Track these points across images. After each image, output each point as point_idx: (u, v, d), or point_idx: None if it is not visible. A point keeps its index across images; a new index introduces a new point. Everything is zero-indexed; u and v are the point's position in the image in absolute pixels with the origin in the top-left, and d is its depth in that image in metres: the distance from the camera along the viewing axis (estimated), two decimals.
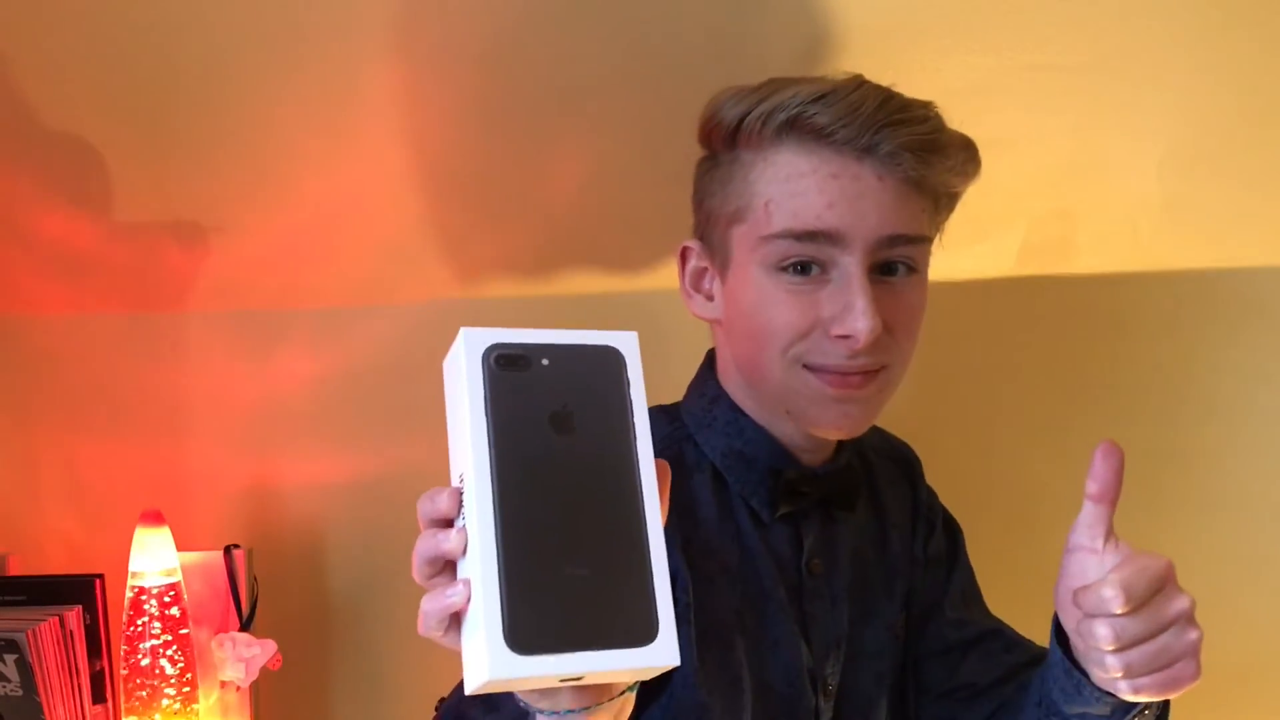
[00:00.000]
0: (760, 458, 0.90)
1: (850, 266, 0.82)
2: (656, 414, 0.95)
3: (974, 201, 1.29)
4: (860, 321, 0.81)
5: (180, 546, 1.22)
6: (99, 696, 1.23)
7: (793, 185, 0.82)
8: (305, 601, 1.35)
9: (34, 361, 1.35)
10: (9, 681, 1.15)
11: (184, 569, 1.22)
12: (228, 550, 1.27)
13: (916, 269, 0.87)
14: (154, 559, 1.19)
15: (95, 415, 1.35)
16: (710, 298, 0.91)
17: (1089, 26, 1.15)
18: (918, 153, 0.82)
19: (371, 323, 1.35)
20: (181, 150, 1.22)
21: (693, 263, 0.92)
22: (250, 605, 1.26)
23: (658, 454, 0.86)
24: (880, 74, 1.16)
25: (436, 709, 0.93)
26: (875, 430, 1.06)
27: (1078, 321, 1.35)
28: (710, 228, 0.89)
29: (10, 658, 1.14)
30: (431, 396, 1.44)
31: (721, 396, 0.93)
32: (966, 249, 1.32)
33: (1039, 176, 1.27)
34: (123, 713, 1.20)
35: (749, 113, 0.84)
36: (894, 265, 0.85)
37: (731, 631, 0.87)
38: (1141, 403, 1.35)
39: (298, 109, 1.19)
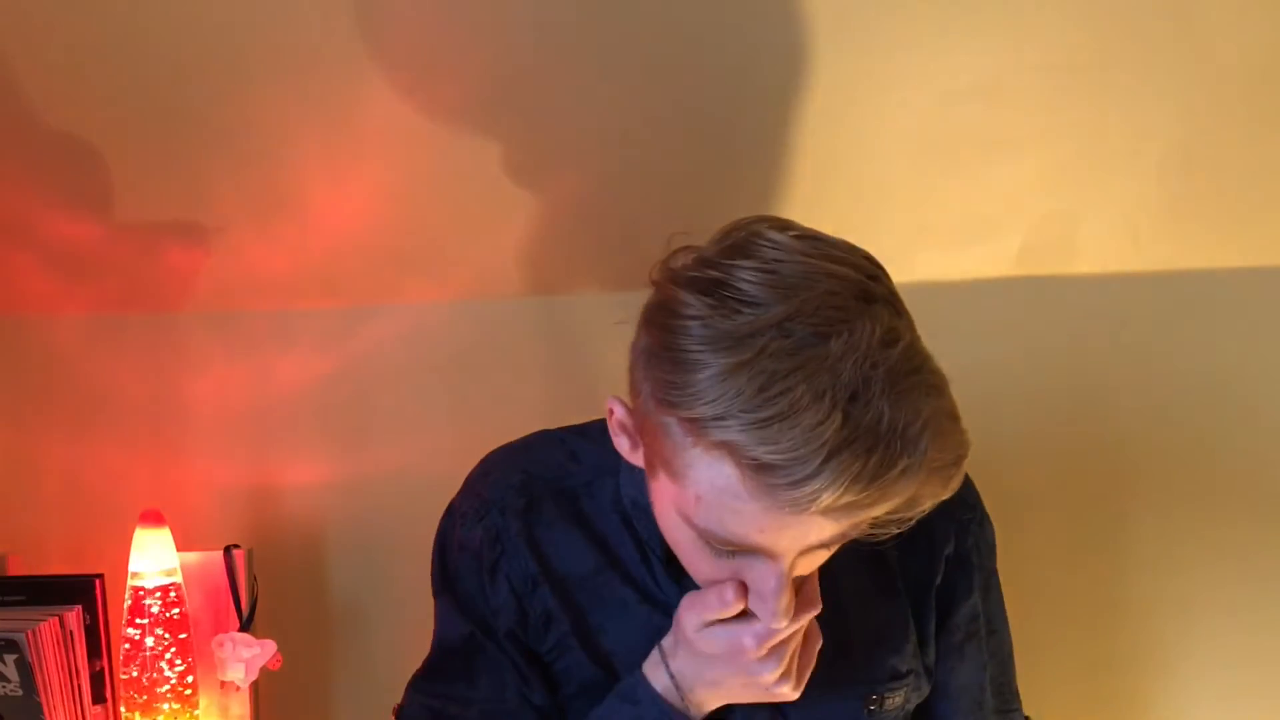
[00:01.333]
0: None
1: (773, 568, 0.75)
2: (598, 434, 0.91)
3: (974, 201, 1.30)
4: (775, 619, 0.76)
5: (180, 547, 1.22)
6: (99, 697, 1.23)
7: (727, 503, 0.71)
8: (305, 601, 1.35)
9: (34, 361, 1.35)
10: (9, 681, 1.15)
11: (184, 569, 1.22)
12: (227, 550, 1.26)
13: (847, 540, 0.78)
14: (154, 559, 1.19)
15: (95, 415, 1.35)
16: (636, 449, 0.81)
17: (1090, 26, 1.15)
18: (887, 520, 0.73)
19: (371, 323, 1.35)
20: (182, 150, 1.22)
21: (618, 419, 0.81)
22: (250, 605, 1.26)
23: (582, 480, 0.91)
24: (881, 73, 1.17)
25: (394, 714, 0.94)
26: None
27: (1078, 321, 1.35)
28: (641, 429, 0.79)
29: (10, 658, 1.14)
30: (431, 396, 1.45)
31: None
32: (966, 249, 1.32)
33: (1039, 176, 1.27)
34: (122, 713, 1.20)
35: (700, 420, 0.69)
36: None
37: (640, 653, 0.86)
38: (1141, 403, 1.35)
39: (298, 109, 1.19)
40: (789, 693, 0.81)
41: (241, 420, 1.35)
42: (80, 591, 1.22)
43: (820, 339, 0.68)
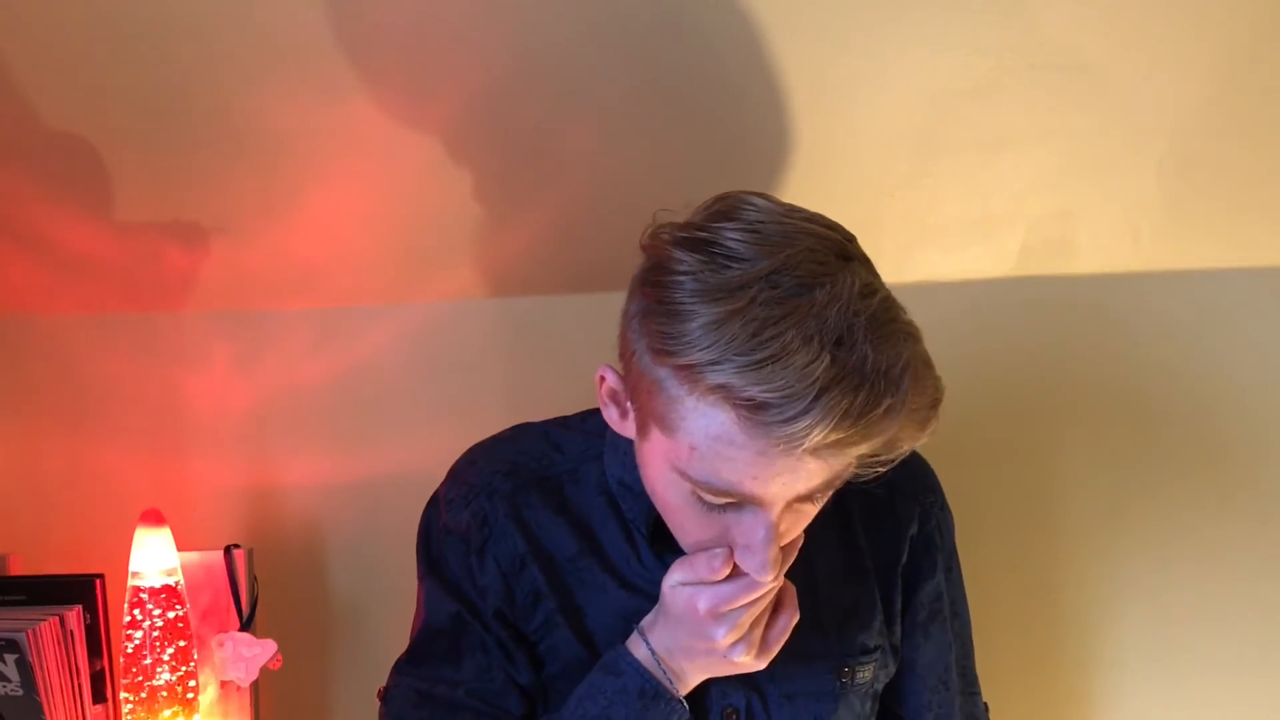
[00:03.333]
0: (646, 496, 0.88)
1: (762, 517, 0.78)
2: (589, 427, 0.97)
3: (974, 201, 1.30)
4: (758, 571, 0.79)
5: (180, 546, 1.22)
6: (99, 696, 1.23)
7: (720, 449, 0.74)
8: (305, 601, 1.36)
9: (34, 361, 1.35)
10: (9, 681, 1.15)
11: (184, 569, 1.22)
12: (228, 550, 1.27)
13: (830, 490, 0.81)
14: (154, 559, 1.19)
15: (96, 415, 1.35)
16: (625, 416, 0.85)
17: (1089, 26, 1.15)
18: (869, 460, 0.76)
19: (372, 323, 1.35)
20: (182, 150, 1.22)
21: (610, 387, 0.85)
22: (250, 605, 1.26)
23: (565, 468, 0.94)
24: (881, 73, 1.17)
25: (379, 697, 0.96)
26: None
27: (1078, 321, 1.35)
28: (633, 390, 0.81)
29: (10, 657, 1.14)
30: (432, 396, 1.45)
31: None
32: (966, 249, 1.32)
33: (1039, 176, 1.27)
34: (123, 713, 1.20)
35: (694, 366, 0.72)
36: (812, 497, 0.80)
37: (618, 635, 0.90)
38: (1141, 403, 1.35)
39: (299, 109, 1.19)
40: (749, 661, 0.84)
41: (241, 420, 1.35)
42: (81, 591, 1.22)
43: (806, 289, 0.72)
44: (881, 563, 0.97)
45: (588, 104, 1.21)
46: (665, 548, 0.89)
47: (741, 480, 0.76)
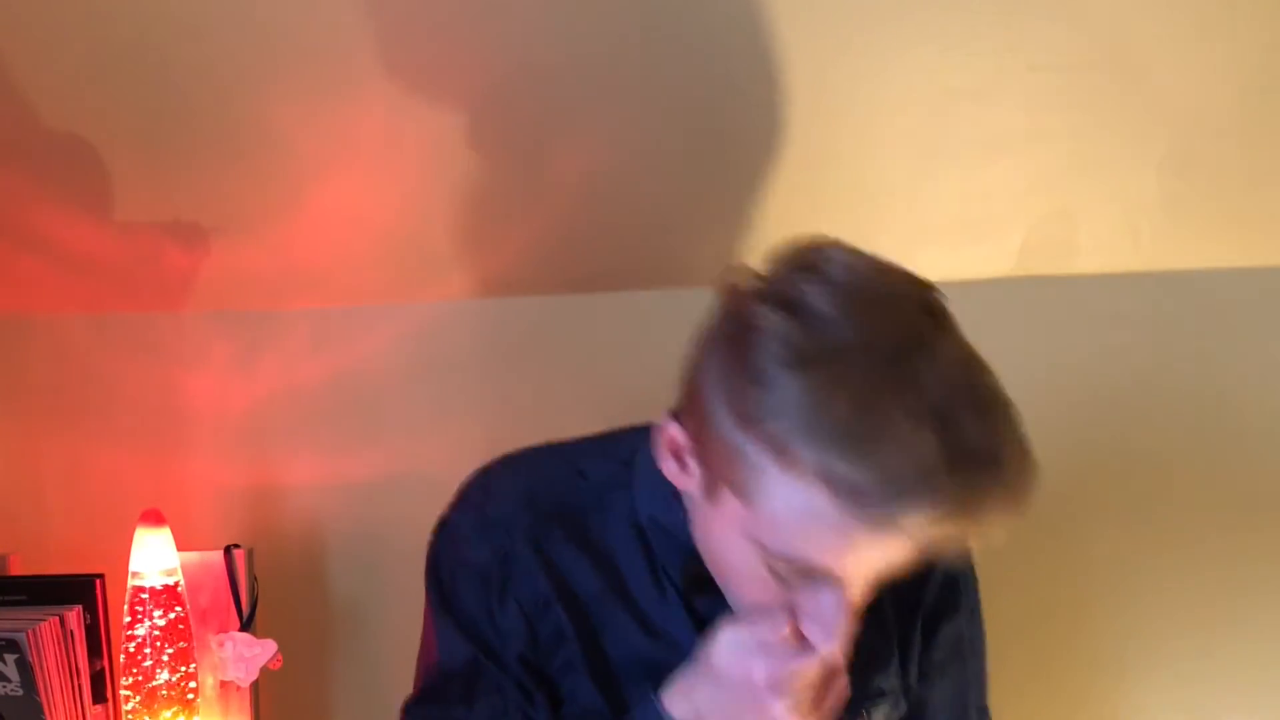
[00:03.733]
0: (680, 538, 0.84)
1: (838, 593, 0.74)
2: (614, 450, 0.91)
3: (974, 201, 1.29)
4: (825, 646, 0.75)
5: (180, 546, 1.22)
6: (99, 696, 1.23)
7: (806, 524, 0.70)
8: (305, 601, 1.36)
9: (35, 361, 1.35)
10: (9, 681, 1.15)
11: (184, 569, 1.22)
12: (228, 550, 1.27)
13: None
14: (154, 559, 1.19)
15: (96, 415, 1.35)
16: (686, 470, 0.79)
17: (1089, 26, 1.15)
18: (968, 545, 0.72)
19: (372, 323, 1.35)
20: (182, 150, 1.22)
21: (673, 440, 0.79)
22: (250, 605, 1.26)
23: (590, 494, 0.88)
24: (881, 73, 1.17)
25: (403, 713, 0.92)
26: None
27: (1078, 321, 1.35)
28: (704, 449, 0.76)
29: (11, 657, 1.14)
30: (432, 396, 1.45)
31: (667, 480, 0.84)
32: (966, 249, 1.32)
33: (1039, 176, 1.27)
34: (123, 713, 1.20)
35: (787, 442, 0.67)
36: None
37: (642, 683, 0.85)
38: (1141, 403, 1.35)
39: (299, 109, 1.19)
40: None
41: (241, 420, 1.35)
42: (81, 591, 1.22)
43: (904, 357, 0.68)
44: (903, 603, 0.93)
45: (587, 105, 1.20)
46: (697, 593, 0.85)
47: (824, 557, 0.71)
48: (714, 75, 1.18)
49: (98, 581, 1.22)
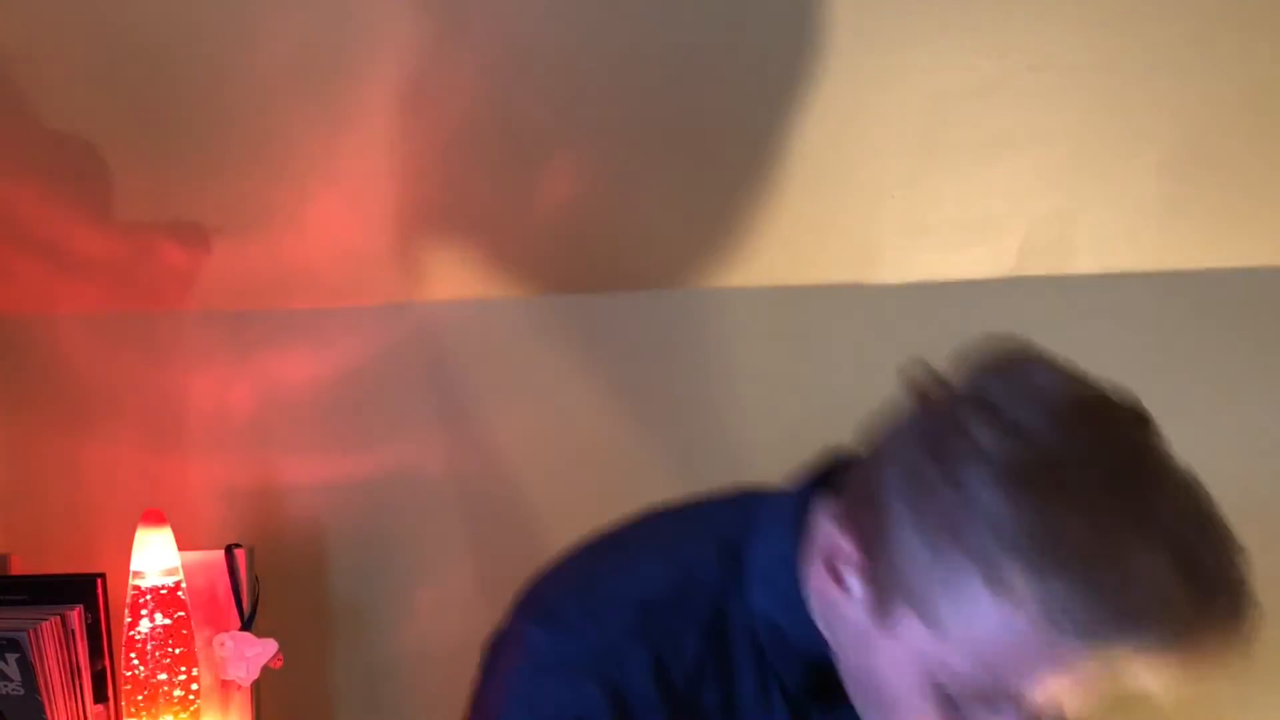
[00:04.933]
0: (798, 647, 0.76)
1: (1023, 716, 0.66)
2: (717, 534, 0.79)
3: (974, 201, 1.30)
4: None
5: (181, 546, 1.22)
6: (100, 696, 1.23)
7: (1011, 652, 0.63)
8: (306, 601, 1.36)
9: (35, 361, 1.35)
10: (11, 681, 1.15)
11: (185, 568, 1.22)
12: (229, 550, 1.27)
13: None
14: (155, 558, 1.19)
15: (97, 415, 1.35)
16: (843, 588, 0.71)
17: (1088, 27, 1.15)
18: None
19: (372, 323, 1.35)
20: (182, 151, 1.22)
21: (835, 546, 0.71)
22: (251, 605, 1.26)
23: (703, 598, 0.74)
24: (880, 73, 1.17)
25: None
26: None
27: (1078, 321, 1.35)
28: (877, 560, 0.68)
29: (12, 657, 1.15)
30: (432, 396, 1.45)
31: (788, 562, 0.76)
32: (966, 249, 1.32)
33: (1039, 176, 1.27)
34: (124, 712, 1.20)
35: (1001, 570, 0.61)
36: None
37: None
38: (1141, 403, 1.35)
39: (299, 110, 1.19)
40: None
41: (242, 420, 1.35)
42: (82, 591, 1.22)
43: (1130, 476, 0.63)
44: None
45: (587, 105, 1.20)
46: (814, 706, 0.77)
47: (1017, 683, 0.64)
48: (714, 76, 1.18)
49: (99, 581, 1.22)
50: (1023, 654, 0.63)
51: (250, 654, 1.22)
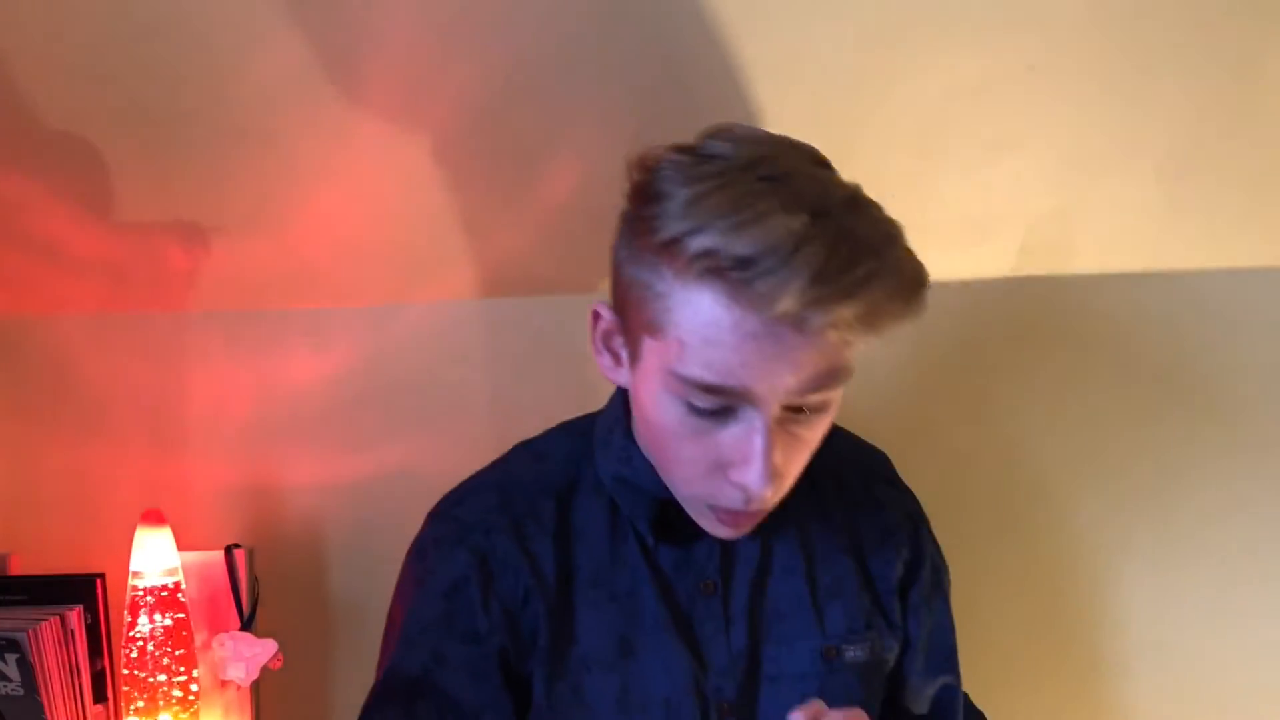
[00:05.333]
0: (645, 487, 0.90)
1: (755, 420, 0.78)
2: (570, 428, 0.97)
3: (974, 201, 1.30)
4: (756, 483, 0.78)
5: (181, 546, 1.22)
6: (100, 696, 1.23)
7: (708, 334, 0.75)
8: (306, 601, 1.36)
9: (35, 361, 1.35)
10: (10, 681, 1.15)
11: (185, 568, 1.22)
12: (228, 550, 1.27)
13: (828, 407, 0.82)
14: (155, 558, 1.19)
15: (96, 415, 1.35)
16: (619, 362, 0.86)
17: (1088, 27, 1.15)
18: (855, 325, 0.74)
19: (372, 323, 1.35)
20: (182, 150, 1.22)
21: (604, 325, 0.87)
22: (251, 605, 1.26)
23: (557, 472, 0.93)
24: (880, 72, 1.17)
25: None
26: (846, 438, 1.02)
27: (1078, 321, 1.35)
28: (624, 310, 0.83)
29: (11, 657, 1.15)
30: (431, 396, 1.45)
31: (620, 422, 0.92)
32: (966, 249, 1.32)
33: (1039, 176, 1.27)
34: (124, 712, 1.20)
35: (677, 239, 0.74)
36: (804, 407, 0.80)
37: (613, 657, 0.89)
38: (1140, 403, 1.35)
39: (300, 109, 1.19)
40: None
41: (242, 420, 1.35)
42: (81, 591, 1.22)
43: (785, 176, 0.75)
44: (867, 540, 0.97)
45: (586, 104, 1.21)
46: (666, 540, 0.90)
47: (731, 368, 0.76)
48: (713, 76, 1.18)
49: (98, 581, 1.22)
50: (720, 335, 0.74)
51: (250, 654, 1.22)
